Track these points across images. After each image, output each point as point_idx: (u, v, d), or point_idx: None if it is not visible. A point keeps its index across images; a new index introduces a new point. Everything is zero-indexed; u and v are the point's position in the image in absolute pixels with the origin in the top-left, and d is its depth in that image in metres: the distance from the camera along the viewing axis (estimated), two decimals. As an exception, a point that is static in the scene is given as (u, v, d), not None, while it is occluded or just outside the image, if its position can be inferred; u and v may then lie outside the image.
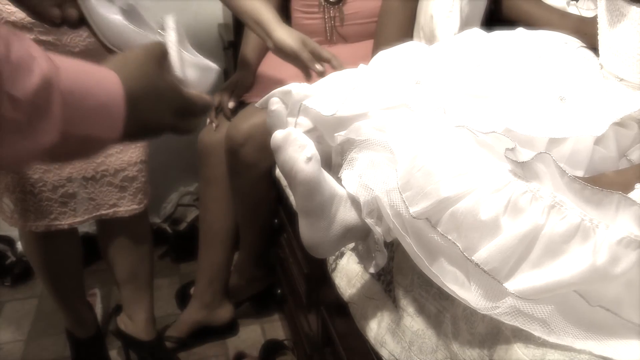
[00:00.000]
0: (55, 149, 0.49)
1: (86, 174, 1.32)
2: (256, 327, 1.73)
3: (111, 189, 1.36)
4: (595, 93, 0.96)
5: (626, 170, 0.82)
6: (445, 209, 0.64)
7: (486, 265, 0.59)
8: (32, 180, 1.27)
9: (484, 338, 0.64)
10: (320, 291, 1.18)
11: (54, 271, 1.44)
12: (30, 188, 1.27)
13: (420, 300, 0.76)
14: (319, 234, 0.76)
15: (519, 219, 0.59)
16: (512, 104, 0.91)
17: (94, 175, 1.33)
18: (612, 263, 0.54)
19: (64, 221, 1.32)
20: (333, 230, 0.75)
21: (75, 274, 1.49)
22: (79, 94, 0.49)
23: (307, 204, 0.73)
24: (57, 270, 1.44)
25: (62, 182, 1.29)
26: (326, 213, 0.73)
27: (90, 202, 1.34)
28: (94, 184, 1.33)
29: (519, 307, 0.59)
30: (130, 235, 1.46)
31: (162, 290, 1.86)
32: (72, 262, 1.46)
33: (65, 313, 1.52)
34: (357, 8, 1.43)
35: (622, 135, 0.89)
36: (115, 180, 1.35)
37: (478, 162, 0.65)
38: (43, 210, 1.29)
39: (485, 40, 1.04)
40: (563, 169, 0.58)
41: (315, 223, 0.74)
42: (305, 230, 0.76)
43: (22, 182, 1.27)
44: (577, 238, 0.56)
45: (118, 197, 1.37)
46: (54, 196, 1.29)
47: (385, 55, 1.02)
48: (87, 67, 0.51)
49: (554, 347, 0.58)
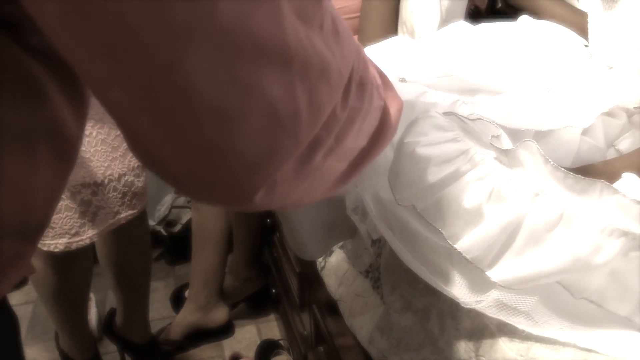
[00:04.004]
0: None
1: (97, 179, 1.22)
2: (252, 328, 1.72)
3: (115, 195, 1.28)
4: (584, 83, 0.96)
5: (613, 161, 0.81)
6: (430, 196, 0.63)
7: (469, 253, 0.58)
8: None
9: (470, 333, 0.63)
10: (312, 290, 1.17)
11: (66, 299, 1.34)
12: None
13: (407, 297, 0.75)
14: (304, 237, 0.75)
15: (502, 207, 0.58)
16: (499, 97, 0.90)
17: (103, 181, 1.24)
18: (595, 252, 0.53)
19: (85, 235, 1.21)
20: (317, 230, 0.75)
21: (85, 298, 1.41)
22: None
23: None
24: (69, 298, 1.34)
25: (78, 187, 1.20)
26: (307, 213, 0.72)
27: (101, 210, 1.26)
28: (102, 190, 1.24)
29: (503, 300, 0.58)
30: (128, 240, 1.41)
31: (157, 292, 1.85)
32: (86, 288, 1.38)
33: (66, 337, 1.45)
34: (342, 4, 1.42)
35: (610, 125, 0.88)
36: (119, 186, 1.28)
37: (463, 149, 0.64)
38: (63, 224, 1.18)
39: (471, 34, 1.03)
40: (546, 157, 0.57)
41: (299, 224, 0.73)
42: (290, 234, 0.75)
43: None
44: (560, 227, 0.55)
45: (120, 203, 1.30)
46: (73, 205, 1.18)
47: (369, 52, 1.01)
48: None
49: (539, 341, 0.57)
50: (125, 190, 1.30)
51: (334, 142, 0.40)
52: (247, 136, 0.33)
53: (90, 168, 1.21)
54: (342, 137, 0.40)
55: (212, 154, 0.33)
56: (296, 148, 0.36)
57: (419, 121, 0.61)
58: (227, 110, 0.32)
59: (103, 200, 1.25)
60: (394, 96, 0.51)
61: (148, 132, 0.33)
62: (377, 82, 0.47)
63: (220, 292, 1.63)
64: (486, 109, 0.85)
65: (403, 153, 0.62)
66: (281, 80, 0.32)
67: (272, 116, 0.33)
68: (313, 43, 0.34)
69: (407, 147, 0.61)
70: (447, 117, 0.63)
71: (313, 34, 0.34)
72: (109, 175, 1.24)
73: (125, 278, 1.46)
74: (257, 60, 0.31)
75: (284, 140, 0.34)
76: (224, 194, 0.36)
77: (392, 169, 0.64)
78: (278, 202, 0.40)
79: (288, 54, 0.32)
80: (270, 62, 0.32)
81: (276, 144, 0.34)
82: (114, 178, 1.25)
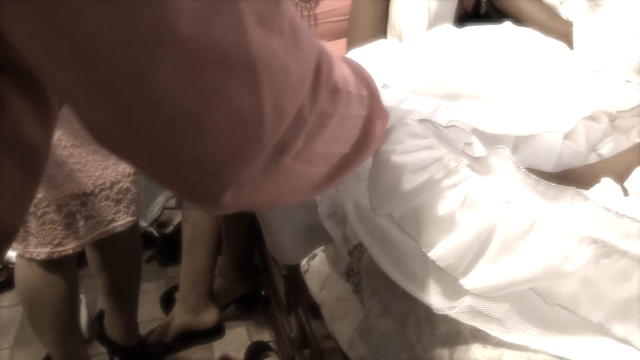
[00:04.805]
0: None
1: (86, 189, 1.23)
2: (242, 330, 1.73)
3: (108, 204, 1.28)
4: (566, 87, 0.96)
5: (593, 165, 0.81)
6: (406, 204, 0.63)
7: (442, 261, 0.59)
8: (35, 200, 1.16)
9: (445, 339, 0.63)
10: (297, 293, 1.17)
11: (52, 310, 1.32)
12: (32, 209, 1.17)
13: (386, 302, 0.75)
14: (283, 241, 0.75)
15: (475, 215, 0.58)
16: (480, 102, 0.90)
17: (93, 190, 1.24)
18: (566, 260, 0.53)
19: (68, 245, 1.22)
20: (297, 235, 0.75)
21: (75, 309, 1.39)
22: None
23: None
24: (58, 309, 1.32)
25: (65, 200, 1.20)
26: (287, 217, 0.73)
27: (90, 220, 1.26)
28: (92, 199, 1.24)
29: (475, 307, 0.58)
30: (120, 247, 1.40)
31: (148, 294, 1.85)
32: (74, 298, 1.36)
33: (58, 354, 1.40)
34: (332, 6, 1.43)
35: (592, 129, 0.89)
36: (111, 194, 1.28)
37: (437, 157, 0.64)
38: (46, 235, 1.20)
39: (456, 37, 1.03)
40: (518, 164, 0.57)
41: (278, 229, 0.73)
42: (270, 238, 0.75)
43: None
44: (532, 234, 0.55)
45: (115, 211, 1.29)
46: (58, 218, 1.20)
47: (353, 56, 1.02)
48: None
49: (511, 348, 0.57)
50: (120, 198, 1.30)
51: (302, 145, 0.41)
52: (213, 141, 0.34)
53: (79, 179, 1.21)
54: (311, 140, 0.41)
55: (180, 158, 0.35)
56: (261, 151, 0.37)
57: (395, 129, 0.61)
58: (193, 117, 0.33)
59: (93, 209, 1.25)
60: (381, 109, 0.52)
61: (120, 138, 0.35)
62: (359, 92, 0.48)
63: (210, 294, 1.63)
64: (468, 115, 0.85)
65: (379, 161, 0.62)
66: (245, 87, 0.34)
67: (237, 121, 0.34)
68: (274, 49, 0.35)
69: (383, 155, 0.61)
70: (422, 124, 0.63)
71: (273, 40, 0.35)
72: (101, 185, 1.25)
73: (114, 284, 1.46)
74: (220, 69, 0.32)
75: (249, 143, 0.36)
76: (194, 194, 0.38)
77: (370, 177, 0.64)
78: (248, 202, 0.42)
79: (250, 61, 0.33)
80: (234, 70, 0.33)
81: (241, 147, 0.36)
82: (106, 187, 1.26)
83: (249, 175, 0.38)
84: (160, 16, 0.29)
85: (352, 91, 0.46)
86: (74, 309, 1.38)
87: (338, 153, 0.48)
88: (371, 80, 0.53)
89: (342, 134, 0.47)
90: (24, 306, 1.37)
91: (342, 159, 0.49)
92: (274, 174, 0.40)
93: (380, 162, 0.62)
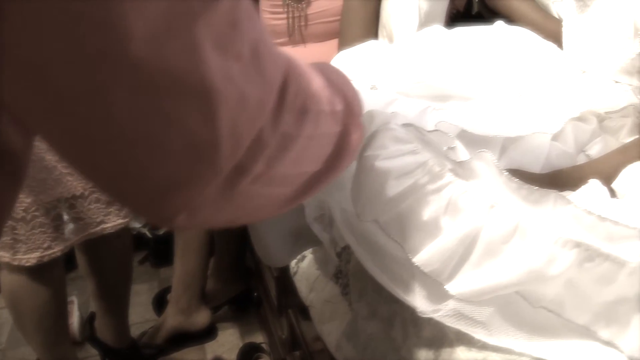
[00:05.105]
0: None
1: (76, 192, 1.21)
2: (234, 331, 1.72)
3: (98, 206, 1.26)
4: (555, 88, 0.96)
5: (581, 167, 0.81)
6: (390, 210, 0.63)
7: (427, 267, 0.58)
8: (24, 205, 1.15)
9: (430, 342, 0.63)
10: (288, 295, 1.17)
11: (39, 315, 1.30)
12: (22, 214, 1.16)
13: (374, 304, 0.75)
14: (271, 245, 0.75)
15: (459, 220, 0.58)
16: (469, 103, 0.90)
17: (83, 193, 1.22)
18: (549, 263, 0.53)
19: (56, 248, 1.21)
20: (284, 238, 0.75)
21: (62, 312, 1.37)
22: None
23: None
24: (45, 312, 1.30)
25: (54, 203, 1.19)
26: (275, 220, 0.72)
27: (78, 222, 1.24)
28: (82, 202, 1.23)
29: (460, 310, 0.58)
30: (110, 250, 1.39)
31: (141, 295, 1.84)
32: (61, 301, 1.35)
33: (47, 358, 1.38)
34: (323, 7, 1.42)
35: (581, 130, 0.89)
36: (102, 196, 1.26)
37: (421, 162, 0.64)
38: (35, 239, 1.18)
39: (445, 39, 1.03)
40: (500, 168, 0.57)
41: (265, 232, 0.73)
42: (257, 241, 0.75)
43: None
44: (515, 238, 0.55)
45: (105, 213, 1.28)
46: (47, 221, 1.18)
47: (343, 57, 1.01)
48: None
49: (496, 350, 0.57)
50: (111, 200, 1.28)
51: (263, 168, 0.40)
52: (166, 164, 0.34)
53: (69, 183, 1.20)
54: (273, 163, 0.40)
55: (133, 178, 0.34)
56: (216, 175, 0.36)
57: (378, 134, 0.61)
58: (147, 139, 0.33)
59: (82, 212, 1.24)
60: (357, 123, 0.52)
61: (76, 153, 0.35)
62: (333, 108, 0.47)
63: (202, 296, 1.63)
64: (456, 116, 0.85)
65: (363, 167, 0.62)
66: (199, 112, 0.33)
67: (191, 146, 0.34)
68: (231, 74, 0.34)
69: (367, 161, 0.61)
70: (406, 128, 0.63)
71: (231, 65, 0.34)
72: (90, 187, 1.23)
73: (105, 287, 1.45)
74: (174, 93, 0.32)
75: (203, 169, 0.35)
76: (147, 214, 0.38)
77: (353, 183, 0.64)
78: (206, 223, 0.42)
79: (206, 87, 0.33)
80: (188, 95, 0.32)
81: (194, 172, 0.35)
82: (97, 189, 1.23)
83: (204, 198, 0.37)
84: (110, 38, 0.29)
85: (324, 109, 0.45)
86: (61, 312, 1.37)
87: (307, 172, 0.47)
88: (350, 91, 0.52)
89: (311, 154, 0.46)
90: (10, 311, 1.35)
91: (313, 176, 0.48)
92: (232, 197, 0.39)
93: (364, 168, 0.62)
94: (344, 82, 0.52)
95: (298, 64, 0.43)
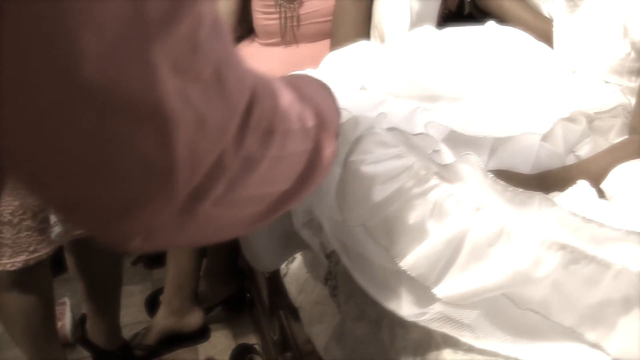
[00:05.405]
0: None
1: None
2: (227, 332, 1.71)
3: None
4: (545, 88, 0.96)
5: (570, 167, 0.81)
6: (377, 215, 0.63)
7: (414, 271, 0.58)
8: (11, 208, 1.13)
9: (417, 344, 0.63)
10: (279, 296, 1.17)
11: (25, 318, 1.28)
12: (9, 218, 1.13)
13: (362, 306, 0.75)
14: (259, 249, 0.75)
15: (444, 223, 0.58)
16: (459, 104, 0.90)
17: None
18: (535, 266, 0.53)
19: (42, 251, 1.19)
20: (273, 242, 0.74)
21: (49, 314, 1.34)
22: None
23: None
24: (33, 317, 1.28)
25: (41, 206, 1.16)
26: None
27: (66, 223, 1.22)
28: None
29: (446, 313, 0.58)
30: (99, 250, 1.36)
31: (134, 296, 1.83)
32: (48, 304, 1.32)
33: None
34: (315, 7, 1.42)
35: (570, 130, 0.88)
36: None
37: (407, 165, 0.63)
38: (21, 243, 1.16)
39: (436, 39, 1.03)
40: (485, 171, 0.57)
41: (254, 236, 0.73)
42: (246, 245, 0.75)
43: None
44: (501, 241, 0.55)
45: None
46: (34, 224, 1.16)
47: (334, 58, 1.01)
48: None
49: (482, 353, 0.57)
50: None
51: (224, 190, 0.38)
52: (120, 187, 0.33)
53: None
54: (235, 186, 0.39)
55: (86, 200, 0.34)
56: (172, 199, 0.35)
57: (363, 139, 0.61)
58: (100, 161, 0.32)
59: None
60: (331, 138, 0.50)
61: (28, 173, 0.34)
62: (303, 126, 0.46)
63: (194, 297, 1.62)
64: (446, 116, 0.84)
65: (348, 172, 0.61)
66: (154, 135, 0.32)
67: (145, 169, 0.33)
68: (189, 96, 0.33)
69: (352, 166, 0.61)
70: (391, 132, 0.62)
71: (189, 86, 0.33)
72: None
73: (95, 288, 1.44)
74: (127, 117, 0.31)
75: (158, 194, 0.34)
76: (102, 236, 0.37)
77: (338, 189, 0.63)
78: (165, 245, 0.41)
79: (161, 109, 0.32)
80: (142, 119, 0.31)
81: (149, 197, 0.34)
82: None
83: (162, 221, 0.36)
84: (61, 58, 0.28)
85: (293, 128, 0.44)
86: (48, 314, 1.34)
87: (275, 192, 0.46)
88: (324, 104, 0.51)
89: (279, 174, 0.45)
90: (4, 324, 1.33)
91: (282, 195, 0.47)
92: (192, 220, 0.38)
93: (350, 173, 0.62)
94: (319, 95, 0.51)
95: (267, 81, 0.42)
